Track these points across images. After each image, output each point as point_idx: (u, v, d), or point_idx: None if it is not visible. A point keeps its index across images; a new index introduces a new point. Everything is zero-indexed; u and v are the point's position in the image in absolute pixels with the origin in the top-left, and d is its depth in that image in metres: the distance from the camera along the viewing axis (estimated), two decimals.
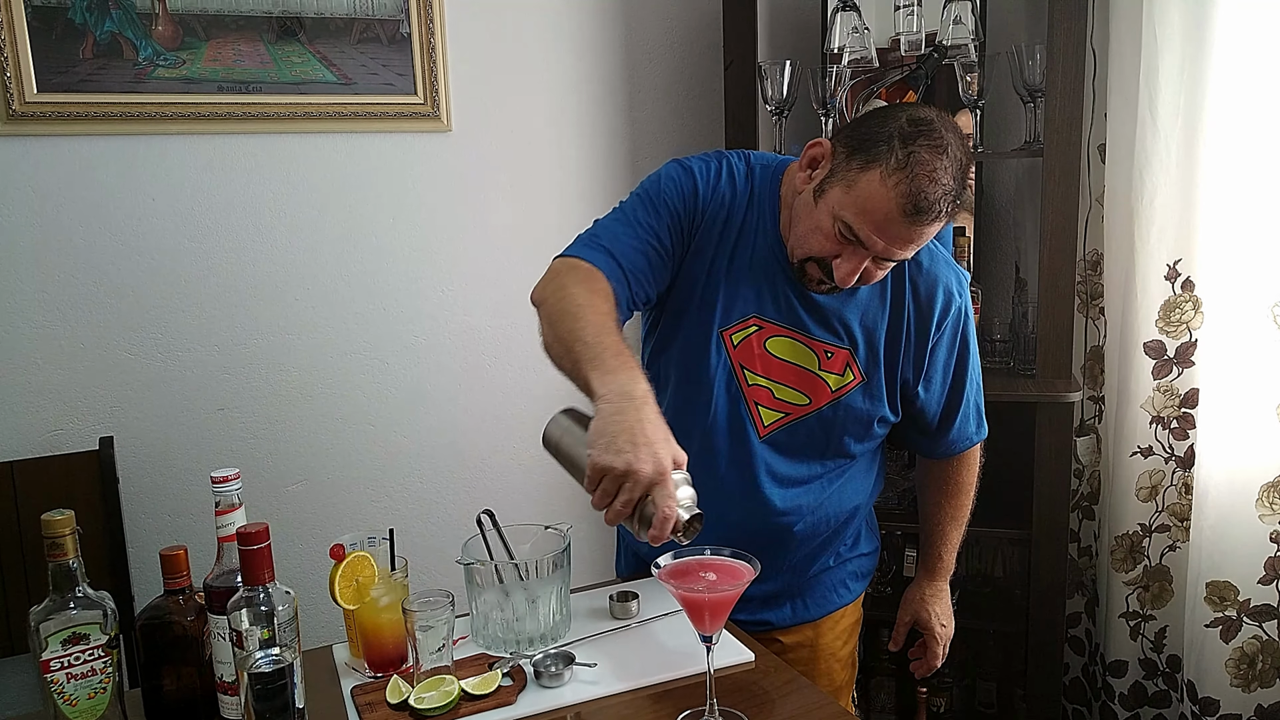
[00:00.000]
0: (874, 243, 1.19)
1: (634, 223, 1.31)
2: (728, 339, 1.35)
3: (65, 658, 1.07)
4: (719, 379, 1.36)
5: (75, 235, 1.90)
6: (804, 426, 1.37)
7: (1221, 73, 1.86)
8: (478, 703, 1.15)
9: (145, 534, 1.98)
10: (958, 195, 1.18)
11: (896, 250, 1.21)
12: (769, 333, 1.35)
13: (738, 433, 1.38)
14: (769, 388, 1.36)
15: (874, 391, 1.38)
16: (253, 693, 1.04)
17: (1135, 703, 2.19)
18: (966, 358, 1.42)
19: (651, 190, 1.34)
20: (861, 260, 1.22)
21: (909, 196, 1.15)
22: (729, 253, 1.34)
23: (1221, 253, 1.92)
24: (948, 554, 1.59)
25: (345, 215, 2.10)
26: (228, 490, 1.13)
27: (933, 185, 1.15)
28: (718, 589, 1.08)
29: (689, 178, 1.34)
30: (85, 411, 1.93)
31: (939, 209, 1.16)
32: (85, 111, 1.85)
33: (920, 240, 1.20)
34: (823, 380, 1.36)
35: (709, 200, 1.34)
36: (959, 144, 1.19)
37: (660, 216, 1.32)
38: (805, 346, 1.35)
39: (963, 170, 1.19)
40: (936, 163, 1.15)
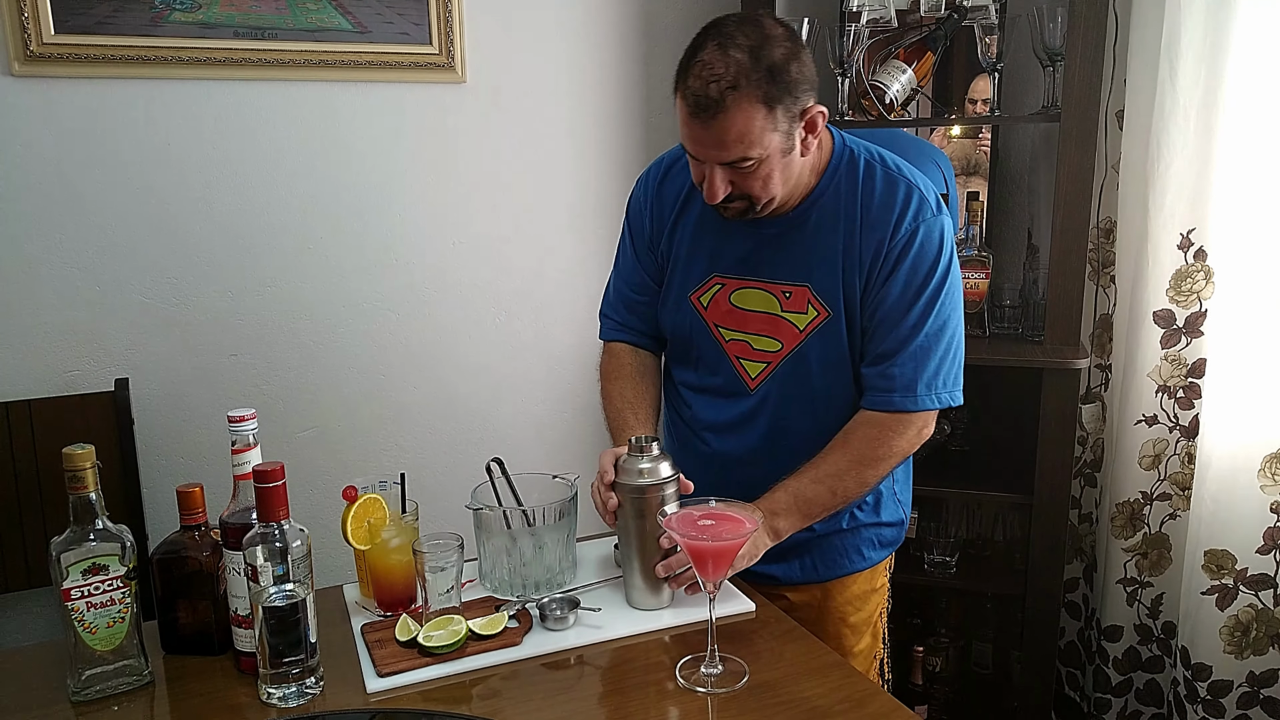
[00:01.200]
0: (697, 152, 1.24)
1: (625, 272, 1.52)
2: (697, 302, 1.41)
3: (85, 587, 1.11)
4: (703, 342, 1.42)
5: (91, 178, 1.90)
6: (785, 373, 1.37)
7: (1243, 42, 1.84)
8: (484, 642, 1.18)
9: (158, 474, 2.01)
10: (741, 81, 1.15)
11: (715, 153, 1.22)
12: (731, 287, 1.38)
13: (732, 390, 1.42)
14: (746, 340, 1.39)
15: (838, 328, 1.33)
16: (267, 626, 1.07)
17: (1129, 667, 2.22)
18: (915, 291, 1.29)
19: (625, 225, 1.53)
20: (710, 173, 1.24)
21: (688, 98, 1.19)
22: (680, 221, 1.42)
23: (1235, 223, 1.91)
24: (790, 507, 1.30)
25: (358, 165, 2.10)
26: (244, 429, 1.16)
27: (701, 80, 1.17)
28: (721, 538, 1.10)
29: (637, 189, 1.50)
30: (101, 353, 1.96)
31: (716, 103, 1.16)
32: (102, 54, 1.85)
33: (727, 136, 1.19)
34: (788, 322, 1.36)
35: (653, 193, 1.46)
36: (754, 34, 1.18)
37: (637, 246, 1.49)
38: (765, 292, 1.37)
39: (757, 55, 1.16)
40: (711, 58, 1.17)
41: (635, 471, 1.24)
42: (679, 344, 1.48)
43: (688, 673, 1.13)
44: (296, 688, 1.10)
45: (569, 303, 2.34)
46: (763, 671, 1.14)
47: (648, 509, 1.24)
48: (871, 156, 1.35)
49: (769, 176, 1.24)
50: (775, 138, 1.21)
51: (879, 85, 2.07)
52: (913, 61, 2.09)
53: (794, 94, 1.20)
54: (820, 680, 1.13)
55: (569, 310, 2.34)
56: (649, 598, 1.27)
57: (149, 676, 1.16)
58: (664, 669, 1.15)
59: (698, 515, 1.14)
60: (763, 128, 1.19)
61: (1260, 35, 1.83)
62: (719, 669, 1.12)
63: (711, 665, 1.12)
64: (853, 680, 1.13)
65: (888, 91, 2.07)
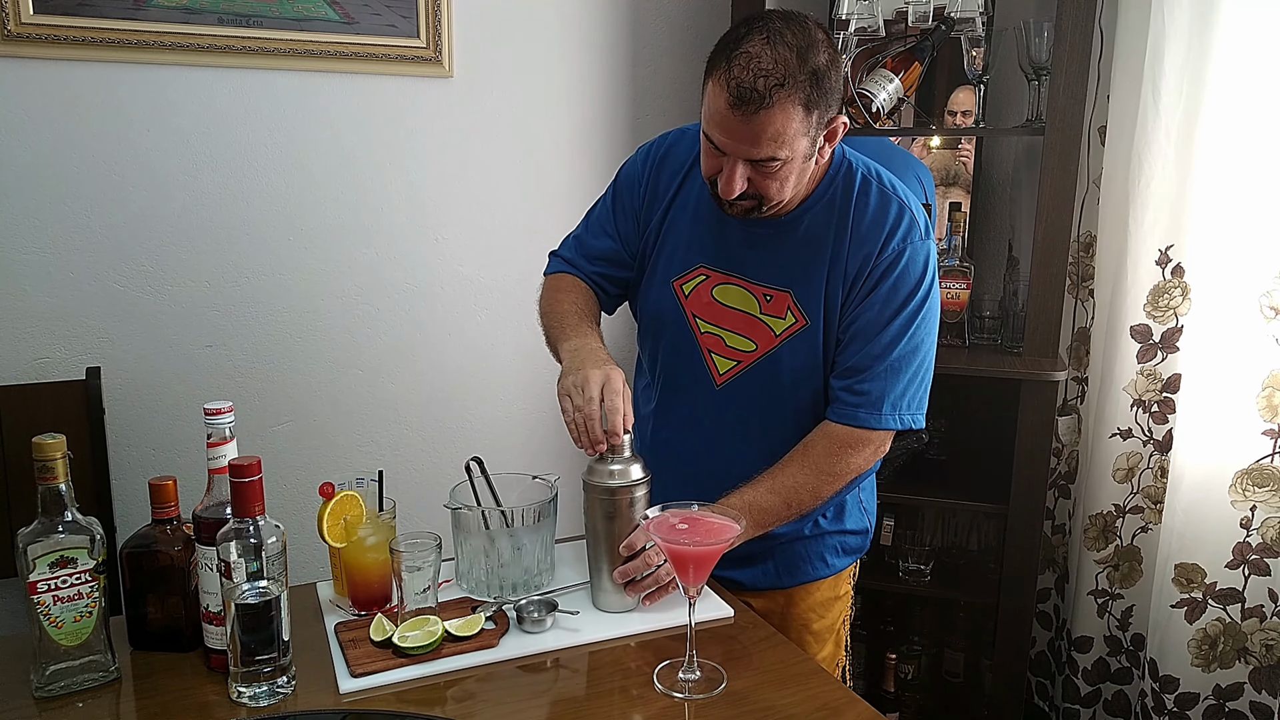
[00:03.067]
0: (725, 144, 1.21)
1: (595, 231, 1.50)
2: (679, 289, 1.40)
3: (52, 580, 1.08)
4: (678, 328, 1.41)
5: (67, 163, 1.87)
6: (756, 374, 1.37)
7: (1225, 61, 1.87)
8: (460, 644, 1.17)
9: (129, 466, 1.98)
10: (788, 81, 1.15)
11: (747, 148, 1.20)
12: (716, 280, 1.38)
13: (698, 382, 1.41)
14: (720, 335, 1.39)
15: (816, 339, 1.33)
16: (239, 623, 1.05)
17: (1098, 678, 2.24)
18: (893, 312, 1.30)
19: (611, 190, 1.51)
20: (731, 168, 1.23)
21: (732, 90, 1.16)
22: (675, 204, 1.41)
23: (1213, 240, 1.93)
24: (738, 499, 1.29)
25: (341, 157, 2.08)
26: (220, 422, 1.14)
27: (749, 72, 1.15)
28: (702, 543, 1.09)
29: (636, 159, 1.48)
30: (73, 341, 1.92)
31: (763, 95, 1.15)
32: (82, 36, 1.82)
33: (764, 133, 1.17)
34: (765, 325, 1.36)
35: (651, 168, 1.44)
36: (801, 34, 1.17)
37: (619, 214, 1.47)
38: (747, 291, 1.36)
39: (803, 57, 1.16)
40: (760, 51, 1.15)
41: (605, 473, 1.24)
42: (651, 326, 1.47)
43: (665, 678, 1.12)
44: (268, 687, 1.08)
45: None
46: (740, 678, 1.13)
47: (618, 511, 1.23)
48: (868, 171, 1.35)
49: (786, 179, 1.24)
50: (804, 142, 1.21)
51: (866, 93, 2.07)
52: (900, 71, 2.10)
53: (829, 101, 1.20)
54: (798, 687, 1.12)
55: None
56: (616, 600, 1.27)
57: (115, 673, 1.13)
58: (641, 673, 1.15)
59: (678, 520, 1.13)
60: (797, 130, 1.18)
61: (1241, 55, 1.85)
62: (697, 675, 1.12)
63: (689, 671, 1.12)
64: (830, 688, 1.13)
65: (874, 100, 2.08)
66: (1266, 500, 1.93)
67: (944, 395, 2.32)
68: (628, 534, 1.24)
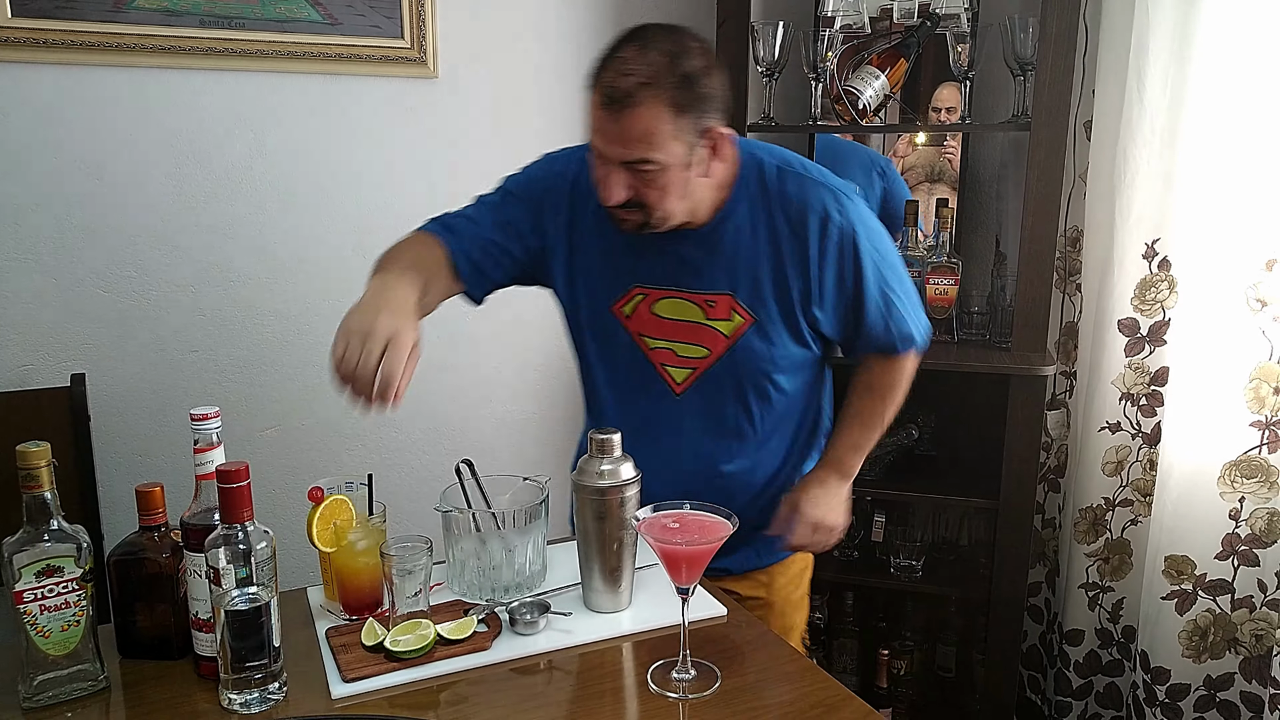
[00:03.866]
0: (600, 147, 1.24)
1: (488, 205, 1.44)
2: (619, 313, 1.41)
3: (39, 589, 1.07)
4: (626, 352, 1.42)
5: (48, 167, 1.85)
6: (714, 377, 1.40)
7: (1209, 55, 1.87)
8: (452, 647, 1.16)
9: (114, 473, 1.96)
10: (655, 82, 1.18)
11: (618, 149, 1.22)
12: (653, 297, 1.39)
13: (657, 394, 1.43)
14: (670, 348, 1.41)
15: (768, 331, 1.37)
16: (229, 630, 1.04)
17: (1089, 670, 2.25)
18: (863, 273, 1.36)
19: (511, 177, 1.47)
20: (610, 172, 1.24)
21: (603, 92, 1.20)
22: (596, 230, 1.39)
23: (1199, 233, 1.94)
24: (841, 450, 1.50)
25: (326, 159, 2.07)
26: (207, 428, 1.13)
27: (619, 76, 1.19)
28: (695, 542, 1.09)
29: (545, 164, 1.46)
30: (56, 348, 1.90)
31: (627, 96, 1.18)
32: (61, 39, 1.80)
33: (632, 133, 1.20)
34: (713, 329, 1.38)
35: (553, 178, 1.43)
36: (675, 40, 1.21)
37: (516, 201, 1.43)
38: (688, 302, 1.38)
39: (675, 60, 1.19)
40: (629, 55, 1.20)
41: (595, 473, 1.23)
42: (599, 353, 1.46)
43: (660, 678, 1.12)
44: (259, 693, 1.07)
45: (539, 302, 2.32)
46: (735, 676, 1.13)
47: (608, 510, 1.23)
48: (783, 163, 1.37)
49: (666, 188, 1.25)
50: (678, 148, 1.22)
51: (853, 90, 2.08)
52: (886, 68, 2.10)
53: (703, 108, 1.22)
54: (792, 685, 1.12)
55: (539, 310, 2.31)
56: (608, 600, 1.26)
57: (104, 682, 1.12)
58: (636, 674, 1.14)
59: (670, 519, 1.13)
60: (668, 132, 1.20)
61: (1225, 49, 1.86)
62: (691, 674, 1.11)
63: (684, 670, 1.11)
64: (824, 686, 1.12)
65: (861, 97, 2.08)
66: (1255, 491, 1.94)
67: (933, 391, 2.32)
68: (618, 534, 1.23)
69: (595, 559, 1.25)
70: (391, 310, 1.17)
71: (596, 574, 1.26)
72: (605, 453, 1.24)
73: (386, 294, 1.20)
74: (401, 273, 1.26)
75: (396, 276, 1.25)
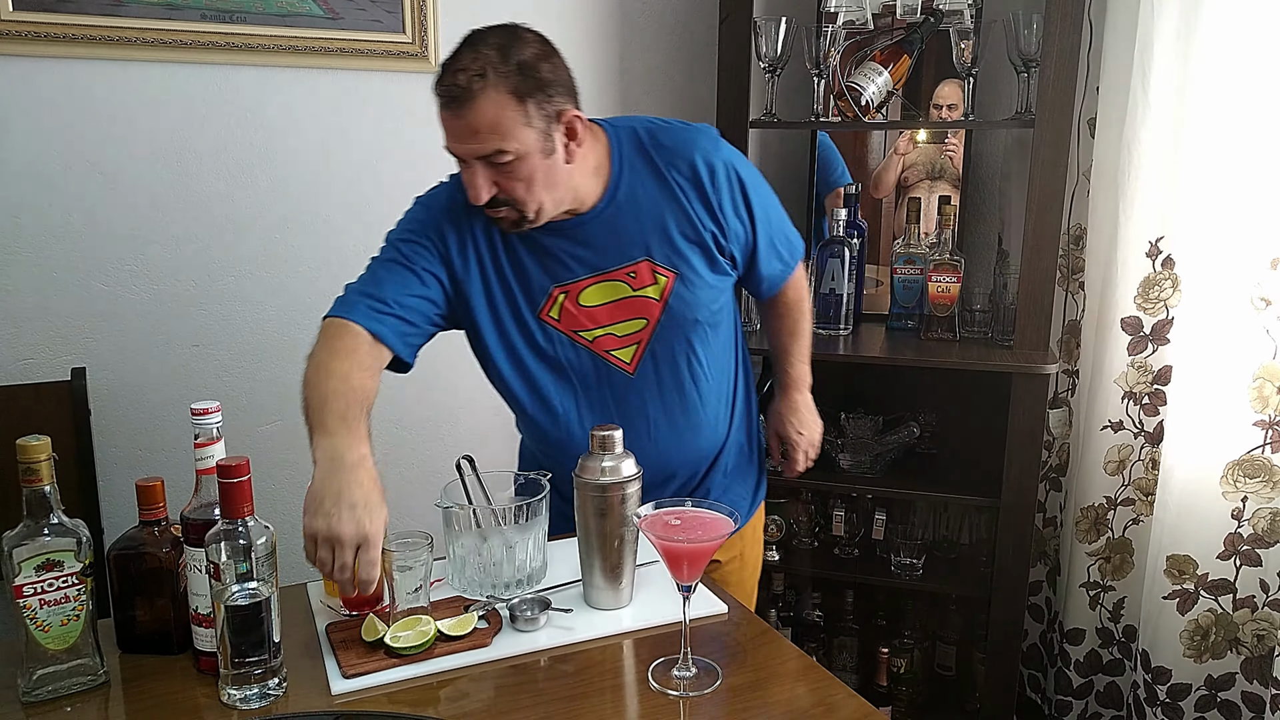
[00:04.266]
0: (454, 148, 1.27)
1: (381, 264, 1.39)
2: (547, 318, 1.41)
3: (39, 584, 1.07)
4: (565, 355, 1.42)
5: (50, 160, 1.85)
6: (659, 343, 1.43)
7: (1214, 52, 1.86)
8: (453, 644, 1.16)
9: (115, 467, 1.96)
10: (489, 73, 1.21)
11: (468, 144, 1.25)
12: (575, 290, 1.40)
13: (612, 386, 1.44)
14: (608, 332, 1.41)
15: (691, 279, 1.41)
16: (229, 625, 1.04)
17: (1090, 670, 2.24)
18: (750, 198, 1.44)
19: (392, 234, 1.43)
20: (469, 172, 1.27)
21: (443, 94, 1.24)
22: (498, 247, 1.39)
23: (1203, 232, 1.93)
24: (793, 367, 1.67)
25: (327, 152, 2.07)
26: (207, 423, 1.12)
27: (454, 74, 1.22)
28: (697, 540, 1.08)
29: (421, 208, 1.43)
30: (57, 341, 1.90)
31: (464, 91, 1.21)
32: (63, 32, 1.80)
33: (478, 125, 1.23)
34: (644, 298, 1.40)
35: (446, 213, 1.39)
36: (506, 35, 1.25)
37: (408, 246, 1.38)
38: (610, 281, 1.39)
39: (506, 51, 1.23)
40: (461, 54, 1.23)
41: (597, 469, 1.23)
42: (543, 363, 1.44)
43: (660, 675, 1.12)
44: (258, 689, 1.07)
45: None
46: (736, 674, 1.13)
47: (609, 507, 1.23)
48: (649, 124, 1.43)
49: (530, 179, 1.28)
50: (530, 135, 1.25)
51: (855, 86, 2.07)
52: (889, 64, 2.09)
53: (546, 92, 1.25)
54: (794, 683, 1.12)
55: None
56: (609, 597, 1.26)
57: (104, 676, 1.12)
58: (637, 671, 1.14)
59: (671, 516, 1.13)
60: (514, 120, 1.23)
61: (1230, 46, 1.85)
62: (692, 672, 1.11)
63: (684, 668, 1.11)
64: (826, 684, 1.12)
65: (864, 93, 2.07)
66: (1257, 491, 1.93)
67: (935, 389, 2.34)
68: (619, 530, 1.23)
69: (596, 556, 1.25)
70: (352, 503, 1.10)
71: (597, 571, 1.25)
72: (606, 449, 1.23)
73: (342, 477, 1.12)
74: (348, 429, 1.19)
75: (345, 439, 1.17)
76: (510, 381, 1.46)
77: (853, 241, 2.20)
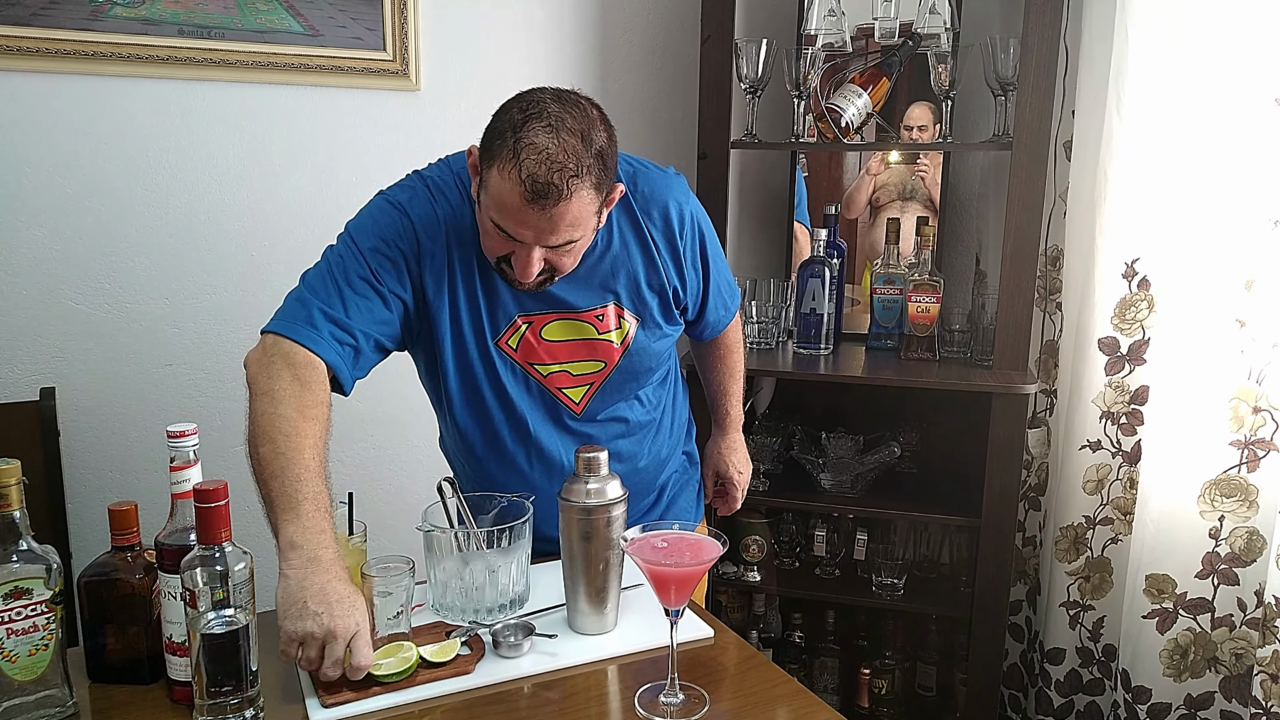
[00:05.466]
0: (524, 235, 1.20)
1: (347, 279, 1.29)
2: (506, 346, 1.38)
3: (6, 612, 1.03)
4: (513, 386, 1.39)
5: (20, 176, 1.82)
6: (610, 385, 1.43)
7: (1188, 75, 1.90)
8: (435, 670, 1.14)
9: (85, 489, 1.92)
10: (580, 168, 1.15)
11: (549, 237, 1.20)
12: (539, 323, 1.38)
13: (556, 425, 1.43)
14: (564, 370, 1.40)
15: (651, 323, 1.43)
16: (205, 654, 1.01)
17: (1070, 689, 2.25)
18: (707, 249, 1.46)
19: (360, 234, 1.32)
20: (528, 253, 1.22)
21: (525, 183, 1.14)
22: (470, 266, 1.33)
23: (1179, 252, 1.96)
24: (733, 408, 1.73)
25: (306, 171, 2.04)
26: (184, 445, 1.10)
27: (545, 166, 1.14)
28: (685, 564, 1.07)
29: (398, 214, 1.32)
30: (25, 360, 1.86)
31: (560, 188, 1.14)
32: (36, 47, 1.77)
33: (563, 222, 1.18)
34: (606, 342, 1.40)
35: (425, 227, 1.32)
36: (580, 117, 1.18)
37: (377, 259, 1.30)
38: (576, 322, 1.38)
39: (588, 141, 1.16)
40: (547, 143, 1.14)
41: (582, 491, 1.22)
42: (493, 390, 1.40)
43: (647, 701, 1.10)
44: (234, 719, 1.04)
45: None
46: (723, 700, 1.11)
47: (594, 530, 1.21)
48: (629, 165, 1.39)
49: (579, 252, 1.28)
50: (595, 221, 1.24)
51: (836, 108, 2.08)
52: (868, 86, 2.11)
53: (612, 179, 1.23)
54: (781, 709, 1.11)
55: None
56: (594, 622, 1.24)
57: (73, 707, 1.08)
58: (623, 697, 1.12)
59: (658, 539, 1.11)
60: (591, 211, 1.21)
61: (1206, 71, 1.88)
62: (679, 698, 1.09)
63: (671, 694, 1.09)
64: (814, 709, 1.11)
65: (844, 115, 2.09)
66: (1234, 510, 1.95)
67: (915, 409, 2.34)
68: (605, 554, 1.21)
69: (581, 579, 1.23)
70: (339, 597, 1.06)
71: (582, 595, 1.24)
72: (592, 471, 1.22)
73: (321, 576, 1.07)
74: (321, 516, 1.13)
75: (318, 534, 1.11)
76: (458, 406, 1.42)
77: (833, 261, 2.21)
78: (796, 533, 2.38)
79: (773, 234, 2.52)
